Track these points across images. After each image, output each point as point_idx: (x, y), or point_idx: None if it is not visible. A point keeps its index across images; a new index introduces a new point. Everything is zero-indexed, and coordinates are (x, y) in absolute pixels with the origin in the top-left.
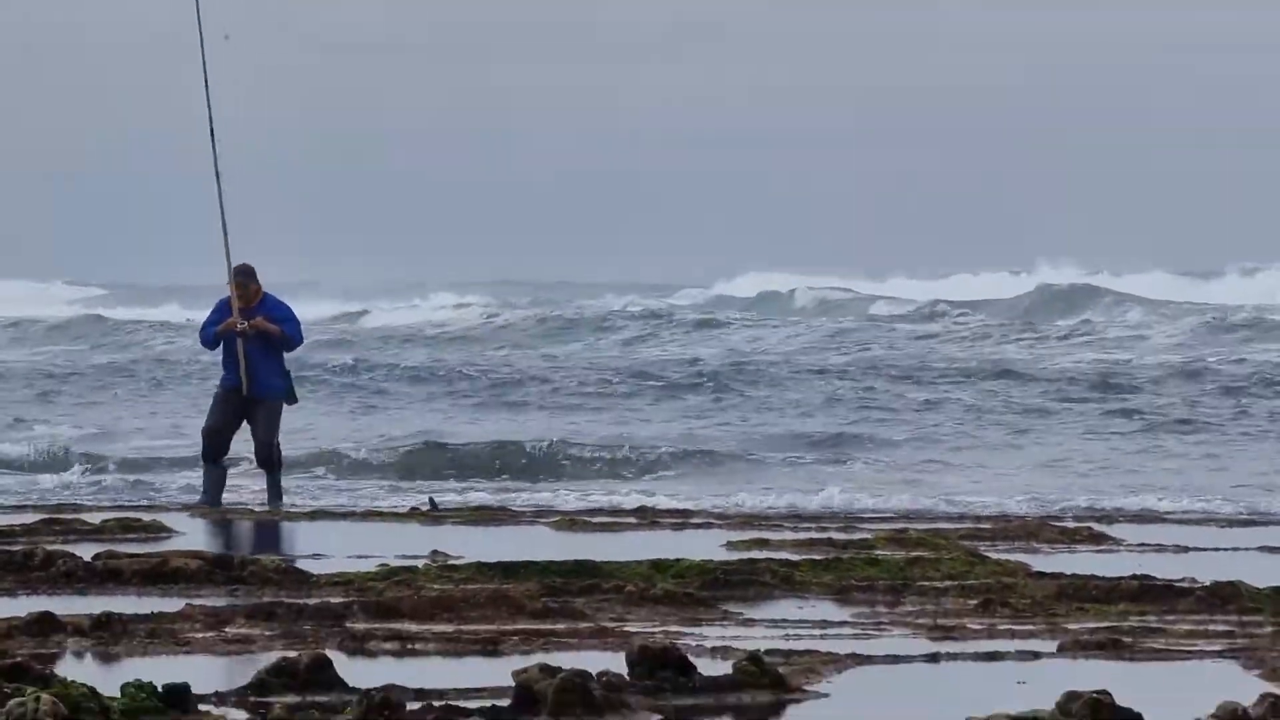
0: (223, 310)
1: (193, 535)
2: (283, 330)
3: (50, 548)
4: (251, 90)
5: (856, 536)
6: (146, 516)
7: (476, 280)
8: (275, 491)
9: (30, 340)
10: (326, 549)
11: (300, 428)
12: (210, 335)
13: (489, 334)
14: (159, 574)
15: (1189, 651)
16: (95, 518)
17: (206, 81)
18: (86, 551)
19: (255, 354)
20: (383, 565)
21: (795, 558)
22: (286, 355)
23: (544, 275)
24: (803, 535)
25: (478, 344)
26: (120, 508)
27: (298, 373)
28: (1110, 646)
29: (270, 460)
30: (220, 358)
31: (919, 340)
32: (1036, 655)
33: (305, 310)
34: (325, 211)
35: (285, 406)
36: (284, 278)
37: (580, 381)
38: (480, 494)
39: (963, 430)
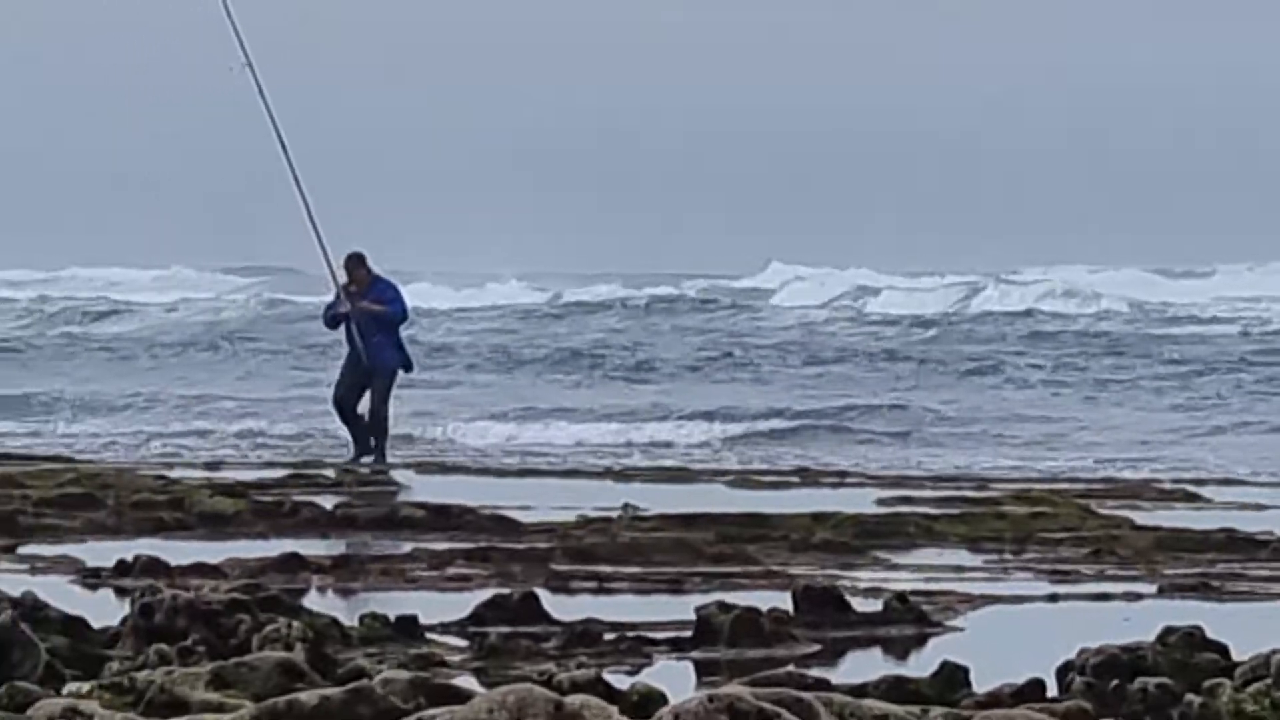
0: (341, 296)
1: (418, 488)
2: (387, 309)
3: (297, 498)
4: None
5: (986, 495)
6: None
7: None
8: (378, 452)
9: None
10: (533, 501)
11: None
12: (329, 318)
13: None
14: (389, 521)
15: (1268, 594)
16: (334, 473)
17: (261, 90)
18: (327, 502)
19: (369, 331)
20: (582, 516)
21: (935, 512)
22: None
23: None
24: (941, 493)
25: None
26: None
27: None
28: (1201, 589)
29: (378, 429)
30: (343, 336)
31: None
32: (1139, 596)
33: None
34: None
35: (402, 374)
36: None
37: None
38: None
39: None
